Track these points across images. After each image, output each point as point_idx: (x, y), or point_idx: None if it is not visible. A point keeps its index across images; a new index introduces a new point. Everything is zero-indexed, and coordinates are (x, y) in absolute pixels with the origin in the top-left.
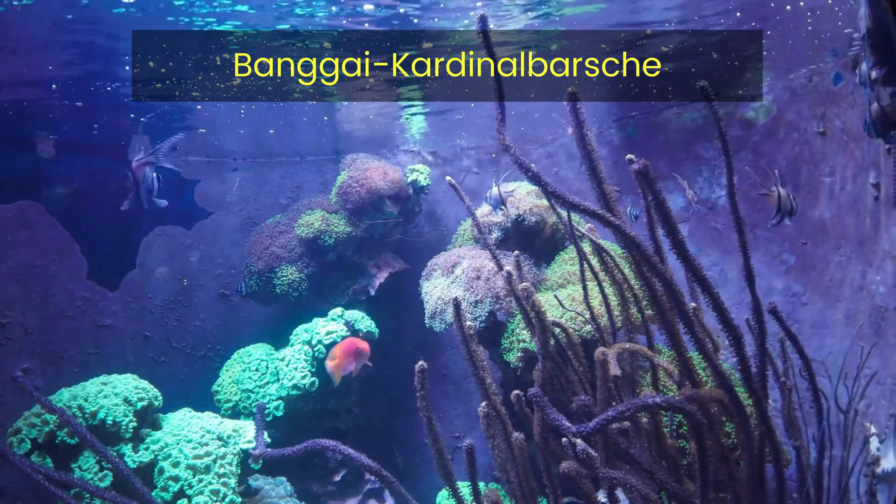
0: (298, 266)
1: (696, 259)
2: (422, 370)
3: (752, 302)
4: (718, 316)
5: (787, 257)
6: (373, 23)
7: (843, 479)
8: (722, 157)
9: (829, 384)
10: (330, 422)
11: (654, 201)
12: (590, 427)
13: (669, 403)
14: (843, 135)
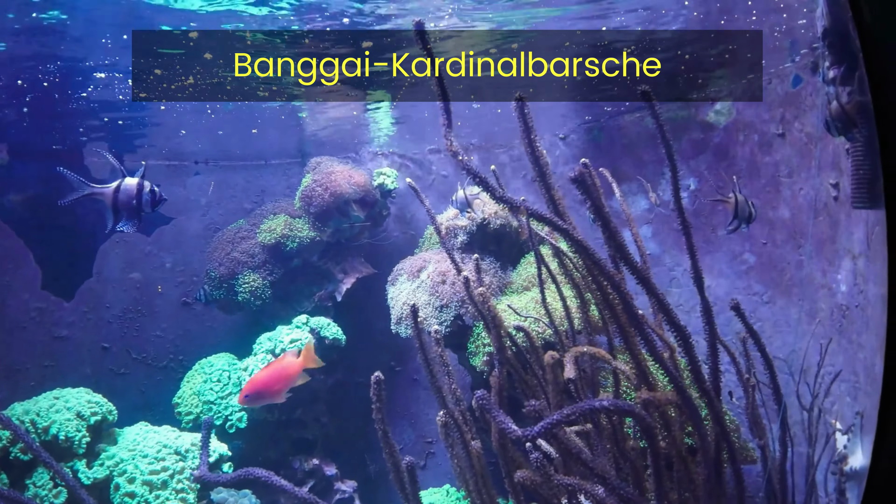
0: (261, 273)
1: (639, 262)
2: (378, 381)
3: (702, 303)
4: (665, 317)
5: (748, 257)
6: (335, 24)
7: (810, 476)
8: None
9: (793, 382)
10: (297, 432)
11: (592, 207)
12: (534, 431)
13: (617, 407)
14: (802, 136)
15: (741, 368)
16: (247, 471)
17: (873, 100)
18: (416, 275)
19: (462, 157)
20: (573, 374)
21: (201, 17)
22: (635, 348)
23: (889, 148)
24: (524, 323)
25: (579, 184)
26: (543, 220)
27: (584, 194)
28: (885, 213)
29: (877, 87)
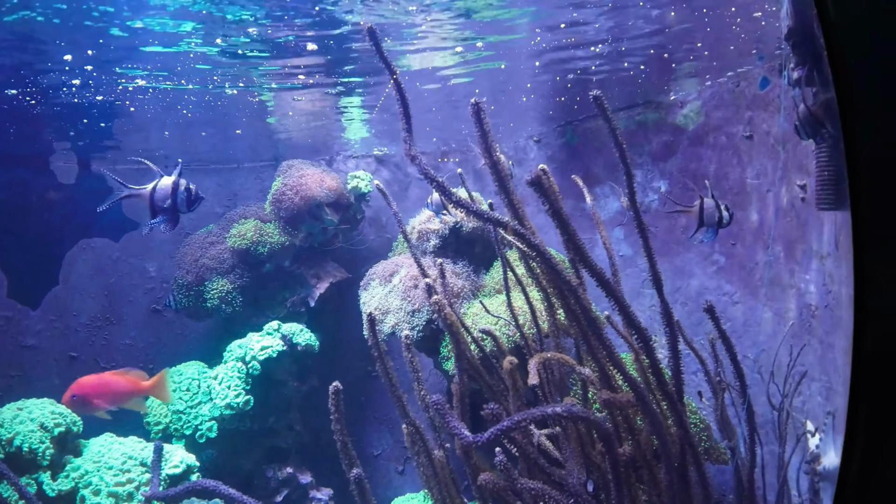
0: (231, 278)
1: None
2: (336, 391)
3: (661, 305)
4: (625, 319)
5: (717, 258)
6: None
7: (781, 475)
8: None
9: (763, 382)
10: (270, 440)
11: (550, 209)
12: (484, 437)
13: (571, 413)
14: (770, 138)
15: (710, 370)
16: (196, 483)
17: (838, 99)
18: (388, 279)
19: (420, 162)
20: (536, 381)
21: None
22: (596, 351)
23: (854, 148)
24: (492, 327)
25: (536, 186)
26: (499, 225)
27: (542, 197)
28: (851, 214)
29: (841, 86)
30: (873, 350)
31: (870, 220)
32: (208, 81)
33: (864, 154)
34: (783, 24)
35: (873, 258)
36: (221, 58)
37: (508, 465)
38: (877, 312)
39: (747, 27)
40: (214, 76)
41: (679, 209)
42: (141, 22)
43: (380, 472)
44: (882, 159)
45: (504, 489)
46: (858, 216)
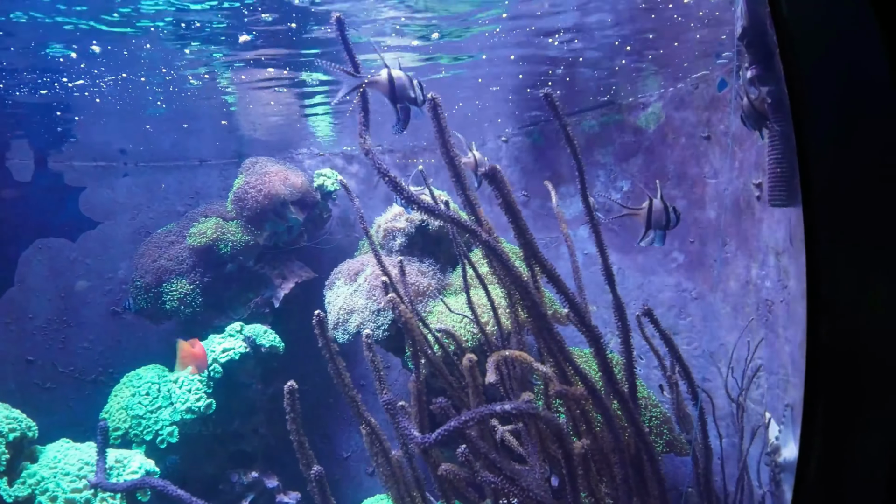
0: (190, 279)
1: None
2: (290, 391)
3: (613, 300)
4: (576, 317)
5: (676, 255)
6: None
7: (740, 466)
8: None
9: (721, 375)
10: (234, 445)
11: (503, 203)
12: (431, 438)
13: (519, 410)
14: (727, 138)
15: (666, 365)
16: (143, 480)
17: (789, 95)
18: (353, 278)
19: (373, 156)
20: (493, 379)
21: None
22: (550, 346)
23: (805, 144)
24: (452, 326)
25: (491, 179)
26: (451, 221)
27: (496, 190)
28: (802, 210)
29: (793, 82)
30: (827, 343)
31: (821, 215)
32: (168, 72)
33: (815, 150)
34: (737, 23)
35: (825, 253)
36: (182, 49)
37: (470, 457)
38: (829, 306)
39: (707, 31)
40: (173, 69)
41: (627, 212)
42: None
43: (350, 473)
44: (832, 155)
45: (464, 480)
46: (809, 211)
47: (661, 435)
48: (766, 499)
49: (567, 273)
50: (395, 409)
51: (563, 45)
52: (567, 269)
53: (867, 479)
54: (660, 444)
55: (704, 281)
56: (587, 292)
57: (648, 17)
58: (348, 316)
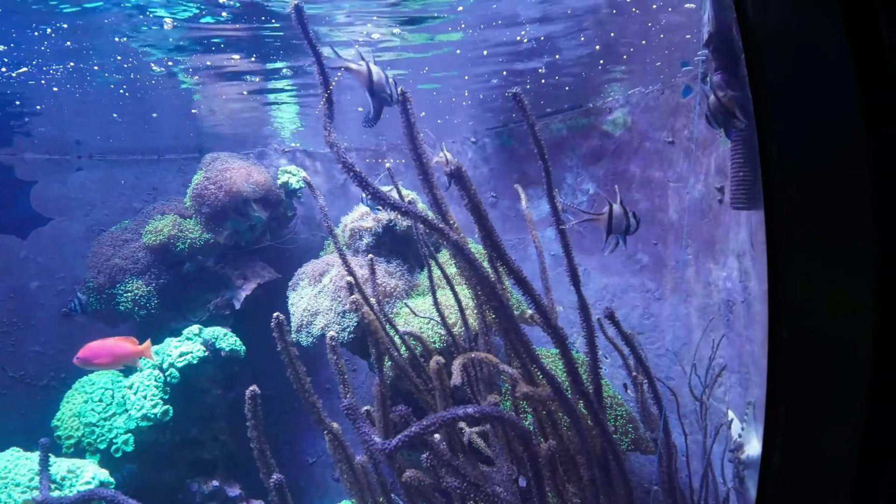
0: (146, 279)
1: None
2: (252, 397)
3: (578, 301)
4: (542, 318)
5: (641, 257)
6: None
7: (705, 463)
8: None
9: (685, 374)
10: (194, 453)
11: (469, 204)
12: (392, 444)
13: (483, 414)
14: (691, 143)
15: (631, 364)
16: (91, 492)
17: (754, 100)
18: (318, 279)
19: (338, 149)
20: (459, 381)
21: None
22: (517, 347)
23: (768, 149)
24: (417, 328)
25: (455, 179)
26: (417, 219)
27: (461, 190)
28: (765, 212)
29: (757, 87)
30: (787, 342)
31: (782, 219)
32: (124, 60)
33: (777, 154)
34: (704, 29)
35: (785, 255)
36: (138, 36)
37: (435, 463)
38: (789, 306)
39: (673, 38)
40: (131, 56)
41: (587, 217)
42: None
43: (315, 480)
44: (794, 160)
45: (429, 486)
46: (771, 215)
47: (626, 433)
48: (730, 495)
49: (534, 274)
50: (355, 414)
51: (531, 44)
52: (534, 270)
53: (829, 474)
54: (625, 443)
55: (667, 282)
56: (553, 293)
57: (616, 24)
58: (312, 318)
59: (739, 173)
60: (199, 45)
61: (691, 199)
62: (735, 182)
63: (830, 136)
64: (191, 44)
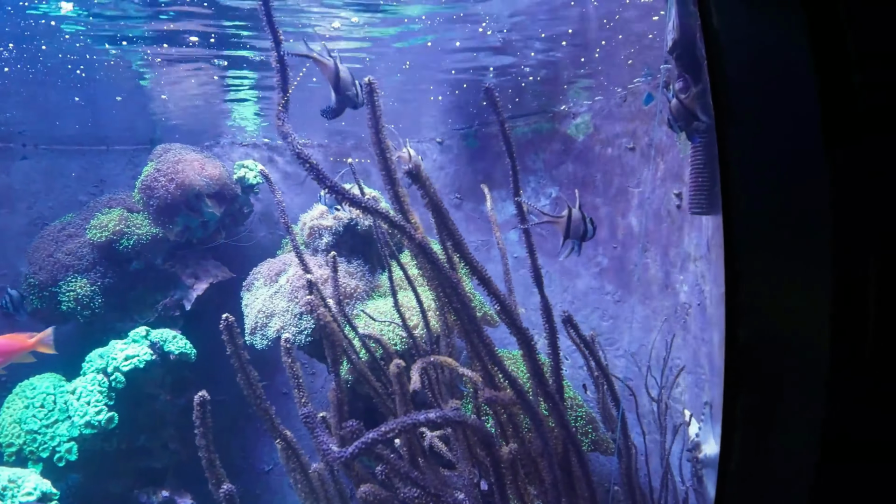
0: (91, 277)
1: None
2: (201, 403)
3: (541, 301)
4: (507, 319)
5: (601, 259)
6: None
7: (664, 463)
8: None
9: (642, 375)
10: (142, 461)
11: (429, 203)
12: (348, 452)
13: (445, 419)
14: (651, 150)
15: (592, 365)
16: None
17: (714, 105)
18: (274, 279)
19: (292, 140)
20: (418, 386)
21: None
22: (478, 349)
23: (727, 155)
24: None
25: (413, 178)
26: (378, 216)
27: (420, 189)
28: (723, 215)
29: (718, 93)
30: (744, 343)
31: (739, 224)
32: (70, 41)
33: (736, 160)
34: (668, 37)
35: (744, 256)
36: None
37: (391, 475)
38: (746, 309)
39: (638, 46)
40: (79, 41)
41: (547, 220)
42: None
43: (272, 488)
44: (753, 166)
45: (387, 500)
46: (729, 220)
47: (586, 434)
48: (689, 494)
49: (497, 276)
50: (313, 422)
51: (498, 46)
52: (498, 271)
53: (787, 472)
54: (586, 443)
55: (626, 284)
56: (516, 295)
57: (581, 30)
58: (268, 320)
59: (698, 179)
60: (154, 29)
61: (650, 204)
62: (693, 187)
63: (790, 143)
64: (145, 26)
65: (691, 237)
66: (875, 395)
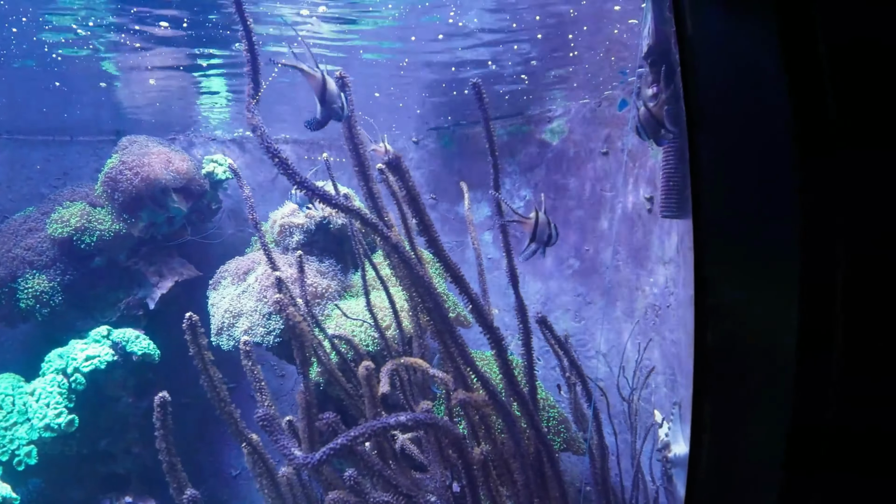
0: (50, 274)
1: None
2: (162, 404)
3: (516, 300)
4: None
5: (573, 262)
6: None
7: (635, 463)
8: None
9: (613, 375)
10: (105, 466)
11: (406, 196)
12: (315, 458)
13: (416, 422)
14: (624, 155)
15: (565, 366)
16: None
17: (686, 111)
18: (242, 278)
19: (261, 132)
20: (387, 389)
21: None
22: (450, 349)
23: (698, 159)
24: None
25: (393, 169)
26: (348, 212)
27: (399, 181)
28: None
29: (691, 97)
30: (713, 345)
31: (709, 227)
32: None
33: (707, 162)
34: (643, 42)
35: (712, 260)
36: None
37: (360, 480)
38: (715, 310)
39: (614, 52)
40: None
41: (517, 219)
42: None
43: (240, 493)
44: (723, 170)
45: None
46: (699, 223)
47: (558, 434)
48: (659, 493)
49: (472, 277)
50: (272, 425)
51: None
52: (472, 273)
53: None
54: (557, 443)
55: (597, 287)
56: (490, 296)
57: (557, 36)
58: (235, 320)
59: (669, 183)
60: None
61: (623, 208)
62: (664, 191)
63: (761, 149)
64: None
65: (662, 241)
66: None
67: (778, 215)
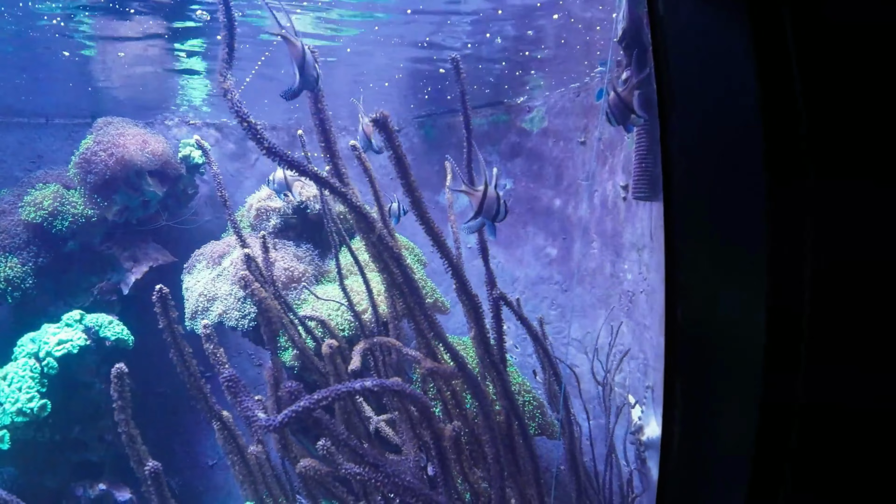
0: (23, 257)
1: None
2: (119, 375)
3: (486, 274)
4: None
5: (550, 250)
6: None
7: (608, 445)
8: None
9: (588, 360)
10: (78, 453)
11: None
12: (277, 420)
13: (382, 387)
14: (600, 144)
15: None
16: None
17: (658, 93)
18: (217, 261)
19: (232, 97)
20: (357, 366)
21: None
22: (422, 326)
23: (669, 141)
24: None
25: (380, 126)
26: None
27: (386, 139)
28: (664, 198)
29: (662, 79)
30: (683, 326)
31: (679, 208)
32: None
33: (678, 147)
34: (618, 27)
35: (682, 242)
36: None
37: (332, 450)
38: (685, 292)
39: (591, 42)
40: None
41: (464, 189)
42: None
43: (216, 483)
44: (694, 153)
45: (327, 476)
46: (669, 204)
47: (533, 418)
48: (633, 476)
49: None
50: (237, 387)
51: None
52: None
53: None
54: (532, 427)
55: (574, 274)
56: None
57: (537, 26)
58: (209, 304)
59: (641, 165)
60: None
61: (599, 196)
62: (637, 174)
63: (731, 131)
64: None
65: (636, 228)
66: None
67: (747, 193)
